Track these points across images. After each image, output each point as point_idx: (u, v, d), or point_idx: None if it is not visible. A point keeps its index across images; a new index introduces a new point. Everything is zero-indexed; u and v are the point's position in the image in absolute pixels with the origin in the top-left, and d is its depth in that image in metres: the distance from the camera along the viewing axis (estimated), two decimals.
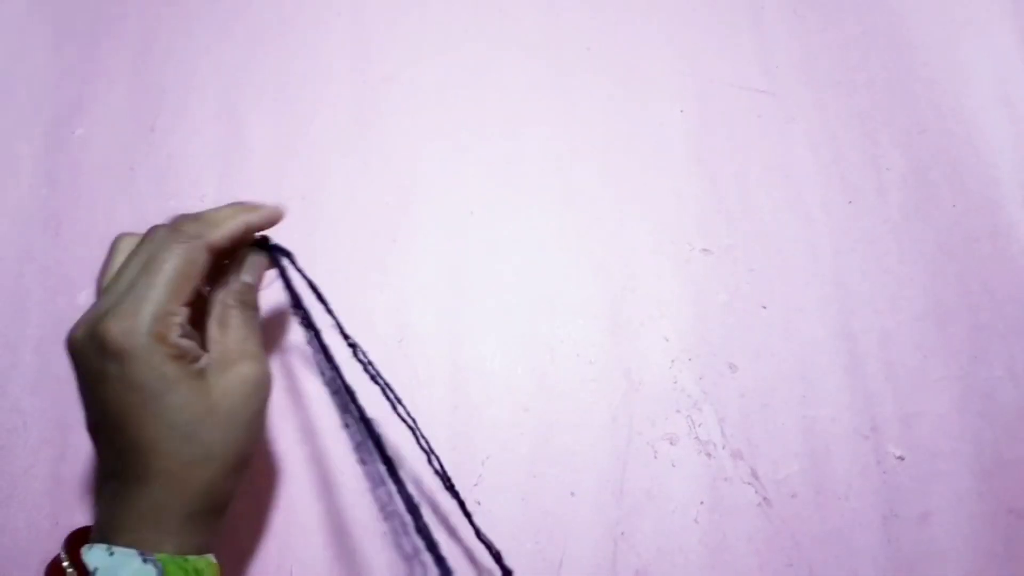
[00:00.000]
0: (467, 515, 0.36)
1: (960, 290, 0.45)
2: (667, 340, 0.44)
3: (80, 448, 0.42)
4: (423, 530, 0.33)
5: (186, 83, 0.50)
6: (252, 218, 0.35)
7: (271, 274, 0.37)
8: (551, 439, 0.42)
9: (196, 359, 0.31)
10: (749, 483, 0.41)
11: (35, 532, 0.40)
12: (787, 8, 0.52)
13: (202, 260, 0.32)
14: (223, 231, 0.33)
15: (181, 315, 0.30)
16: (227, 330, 0.33)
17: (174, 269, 0.30)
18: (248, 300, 0.35)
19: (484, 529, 0.36)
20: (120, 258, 0.33)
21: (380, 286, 0.45)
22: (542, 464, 0.41)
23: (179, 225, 0.32)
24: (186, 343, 0.30)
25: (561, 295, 0.45)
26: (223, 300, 0.34)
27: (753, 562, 0.40)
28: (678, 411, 0.42)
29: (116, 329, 0.29)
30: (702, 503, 0.41)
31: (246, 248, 0.36)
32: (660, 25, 0.52)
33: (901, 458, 0.41)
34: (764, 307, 0.45)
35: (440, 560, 0.33)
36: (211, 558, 0.31)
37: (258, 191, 0.47)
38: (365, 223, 0.46)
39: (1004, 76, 0.50)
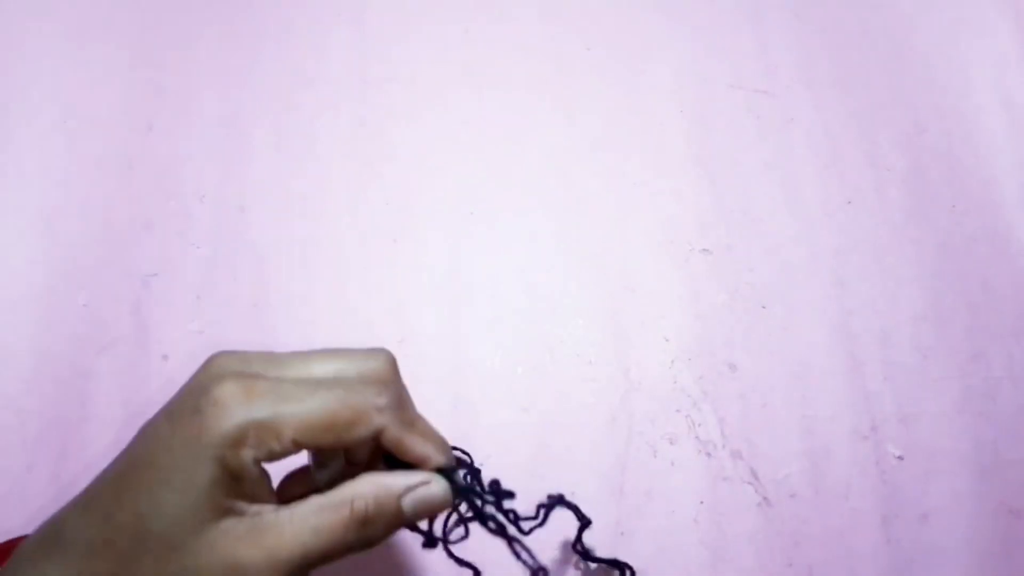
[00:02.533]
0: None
1: (959, 290, 0.45)
2: (667, 340, 0.44)
3: (80, 447, 0.42)
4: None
5: (185, 83, 0.50)
6: (438, 460, 0.27)
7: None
8: (551, 439, 0.42)
9: (247, 499, 0.24)
10: (749, 483, 0.41)
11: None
12: (787, 8, 0.52)
13: (359, 433, 0.25)
14: (405, 437, 0.26)
15: (281, 448, 0.24)
16: (306, 519, 0.24)
17: (327, 406, 0.24)
18: (376, 522, 0.25)
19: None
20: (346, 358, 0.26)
21: (380, 286, 0.45)
22: (542, 464, 0.41)
23: (397, 396, 0.26)
24: (253, 473, 0.24)
25: (561, 295, 0.45)
26: (354, 492, 0.25)
27: (753, 562, 0.40)
28: (678, 411, 0.42)
29: (227, 392, 0.23)
30: (702, 503, 0.41)
31: (428, 472, 0.27)
32: (660, 25, 0.52)
33: (900, 458, 0.41)
34: (764, 307, 0.45)
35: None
36: None
37: (258, 191, 0.47)
38: (365, 223, 0.46)
39: (1004, 76, 0.50)
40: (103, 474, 0.25)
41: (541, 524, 0.31)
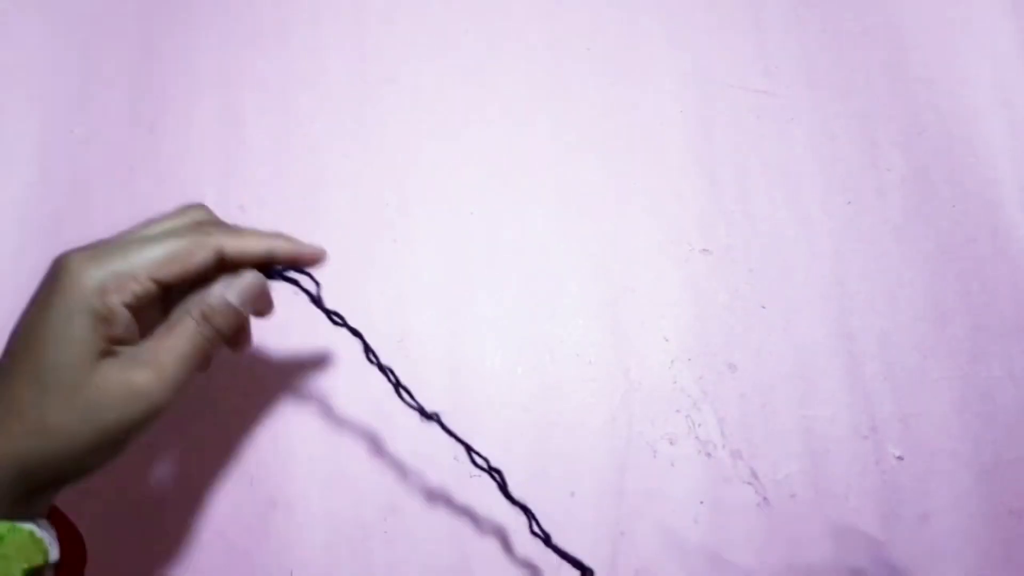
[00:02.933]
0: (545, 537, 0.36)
1: (959, 290, 0.45)
2: (667, 340, 0.44)
3: None
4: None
5: (186, 83, 0.50)
6: (279, 245, 0.33)
7: (281, 309, 0.35)
8: (551, 439, 0.42)
9: (118, 340, 0.29)
10: (749, 483, 0.41)
11: None
12: (787, 8, 0.52)
13: (201, 256, 0.30)
14: (239, 243, 0.31)
15: (142, 288, 0.29)
16: (166, 336, 0.30)
17: (168, 247, 0.30)
18: (214, 318, 0.31)
19: (483, 530, 0.36)
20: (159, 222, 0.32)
21: (380, 286, 0.45)
22: (542, 464, 0.41)
23: (205, 220, 0.32)
24: (123, 314, 0.29)
25: (561, 295, 0.45)
26: (186, 304, 0.31)
27: (753, 562, 0.40)
28: (678, 411, 0.42)
29: (76, 257, 0.29)
30: (702, 503, 0.41)
31: (244, 269, 0.33)
32: (660, 25, 0.51)
33: (900, 458, 0.41)
34: (764, 307, 0.45)
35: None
36: (24, 526, 0.28)
37: (258, 191, 0.47)
38: (365, 223, 0.46)
39: (1004, 76, 0.50)
40: None
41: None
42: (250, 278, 0.32)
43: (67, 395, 0.28)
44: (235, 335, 0.33)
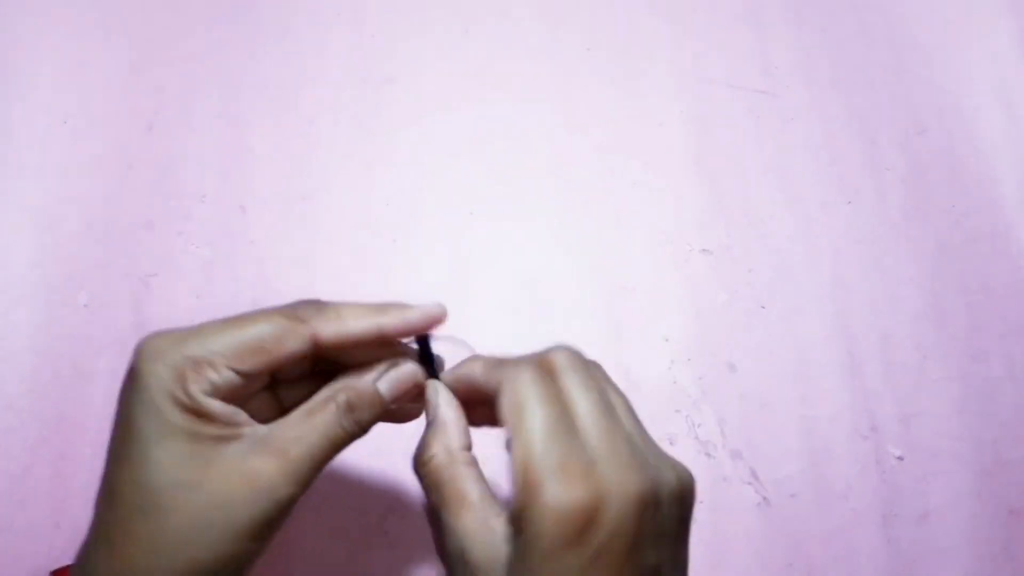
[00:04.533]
0: None
1: (959, 290, 0.45)
2: (667, 340, 0.44)
3: (80, 447, 0.42)
4: None
5: (185, 82, 0.50)
6: (387, 321, 0.28)
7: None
8: None
9: (217, 424, 0.25)
10: (749, 483, 0.41)
11: (35, 532, 0.40)
12: (786, 8, 0.52)
13: (292, 346, 0.26)
14: (337, 327, 0.27)
15: (221, 378, 0.25)
16: (301, 422, 0.26)
17: (252, 332, 0.26)
18: (360, 410, 0.27)
19: None
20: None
21: (380, 286, 0.45)
22: None
23: (299, 305, 0.27)
24: (211, 405, 0.25)
25: (561, 295, 0.45)
26: (335, 386, 0.28)
27: (753, 562, 0.40)
28: (678, 411, 0.42)
29: (152, 346, 0.25)
30: (702, 503, 0.41)
31: (404, 359, 0.29)
32: (659, 25, 0.52)
33: (901, 458, 0.41)
34: (763, 307, 0.45)
35: None
36: None
37: (258, 191, 0.47)
38: (365, 223, 0.46)
39: (1004, 76, 0.50)
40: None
41: None
42: (407, 368, 0.29)
43: (180, 501, 0.24)
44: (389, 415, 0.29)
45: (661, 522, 0.24)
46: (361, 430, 0.28)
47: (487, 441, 0.29)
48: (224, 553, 0.25)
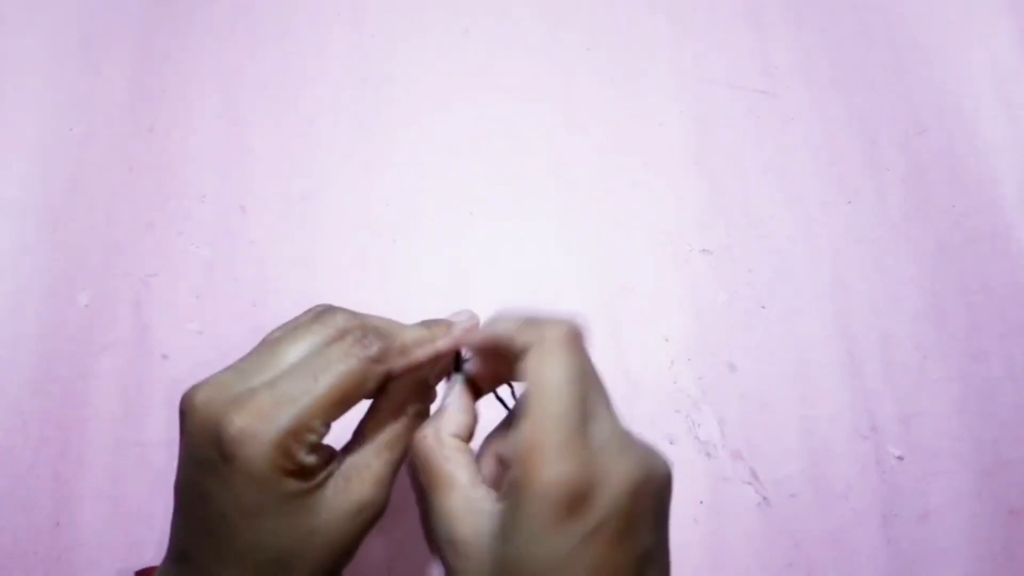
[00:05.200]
0: None
1: (959, 290, 0.45)
2: (667, 340, 0.44)
3: (80, 447, 0.42)
4: None
5: (186, 83, 0.50)
6: (443, 345, 0.29)
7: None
8: None
9: (316, 474, 0.26)
10: (749, 483, 0.41)
11: (35, 532, 0.40)
12: (786, 8, 0.52)
13: (372, 386, 0.27)
14: (409, 361, 0.28)
15: (318, 436, 0.26)
16: (386, 449, 0.28)
17: (340, 383, 0.26)
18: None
19: None
20: (302, 335, 0.28)
21: (380, 286, 0.45)
22: None
23: (367, 336, 0.27)
24: (312, 460, 0.25)
25: (561, 295, 0.45)
26: (418, 431, 0.28)
27: (753, 562, 0.40)
28: (678, 411, 0.42)
29: (241, 425, 0.24)
30: (702, 503, 0.41)
31: (455, 375, 0.30)
32: (659, 25, 0.51)
33: (901, 458, 0.41)
34: (763, 307, 0.45)
35: None
36: None
37: (258, 191, 0.47)
38: (365, 223, 0.46)
39: (1004, 76, 0.50)
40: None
41: None
42: (460, 387, 0.30)
43: (300, 544, 0.26)
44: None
45: (654, 507, 0.24)
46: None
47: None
48: (326, 569, 0.27)
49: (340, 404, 0.26)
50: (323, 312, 0.28)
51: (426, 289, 0.45)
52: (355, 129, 0.49)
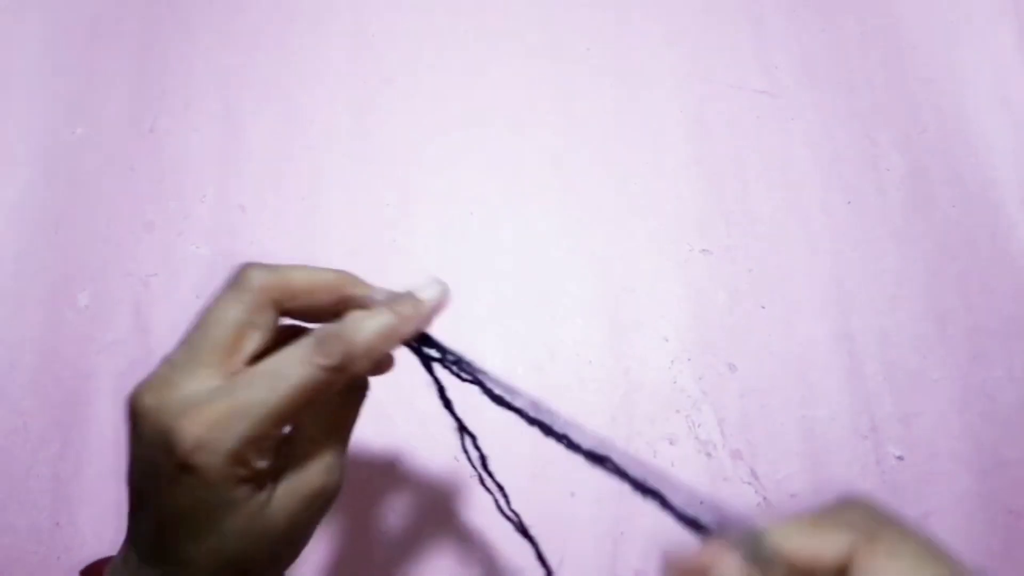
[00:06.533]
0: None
1: (959, 290, 0.45)
2: (667, 340, 0.44)
3: (80, 448, 0.42)
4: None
5: (186, 83, 0.50)
6: (408, 330, 0.28)
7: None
8: (551, 439, 0.42)
9: (269, 475, 0.26)
10: (749, 483, 0.41)
11: (35, 532, 0.40)
12: (787, 8, 0.52)
13: (334, 391, 0.26)
14: (373, 356, 0.27)
15: (275, 438, 0.25)
16: (330, 436, 0.28)
17: (297, 395, 0.25)
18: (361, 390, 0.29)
19: (481, 528, 0.36)
20: (228, 308, 0.26)
21: (380, 286, 0.45)
22: (542, 464, 0.41)
23: (327, 342, 0.26)
24: (265, 464, 0.25)
25: (561, 295, 0.45)
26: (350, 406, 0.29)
27: None
28: (678, 411, 0.42)
29: (196, 435, 0.24)
30: (702, 503, 0.41)
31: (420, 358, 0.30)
32: (660, 25, 0.51)
33: (900, 458, 0.41)
34: (763, 307, 0.45)
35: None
36: None
37: (258, 191, 0.47)
38: (365, 223, 0.46)
39: (1004, 76, 0.50)
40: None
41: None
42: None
43: (256, 543, 0.26)
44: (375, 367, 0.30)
45: None
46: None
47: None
48: (285, 560, 0.28)
49: (298, 411, 0.25)
50: (238, 275, 0.27)
51: None
52: (355, 130, 0.49)
